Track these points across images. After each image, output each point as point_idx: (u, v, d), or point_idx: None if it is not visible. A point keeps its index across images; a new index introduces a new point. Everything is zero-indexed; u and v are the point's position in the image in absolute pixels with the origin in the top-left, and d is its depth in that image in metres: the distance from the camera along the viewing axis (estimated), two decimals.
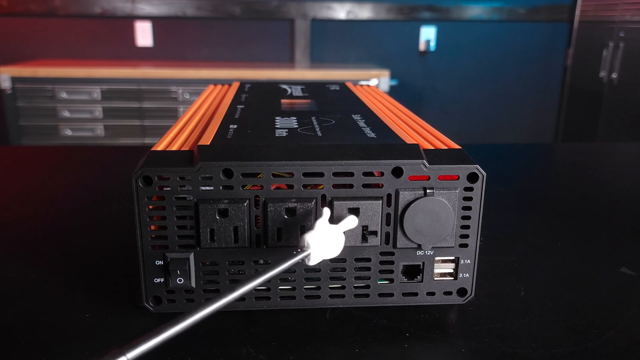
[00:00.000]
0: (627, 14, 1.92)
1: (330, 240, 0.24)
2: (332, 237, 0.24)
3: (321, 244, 0.23)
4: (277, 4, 2.18)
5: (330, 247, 0.24)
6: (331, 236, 0.24)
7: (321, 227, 0.24)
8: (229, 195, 0.25)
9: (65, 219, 0.41)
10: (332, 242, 0.24)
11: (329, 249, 0.24)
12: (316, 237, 0.23)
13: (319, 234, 0.23)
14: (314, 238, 0.23)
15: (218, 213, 0.25)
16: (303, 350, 0.25)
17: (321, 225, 0.24)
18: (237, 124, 0.31)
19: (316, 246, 0.23)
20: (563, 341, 0.26)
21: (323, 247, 0.23)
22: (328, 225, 0.24)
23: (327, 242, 0.24)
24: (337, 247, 0.24)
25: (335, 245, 0.24)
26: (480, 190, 0.26)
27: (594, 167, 0.60)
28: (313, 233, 0.23)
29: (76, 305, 0.28)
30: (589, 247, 0.37)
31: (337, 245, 0.24)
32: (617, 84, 1.97)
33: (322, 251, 0.23)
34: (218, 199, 0.25)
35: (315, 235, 0.23)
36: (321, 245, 0.23)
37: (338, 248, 0.24)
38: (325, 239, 0.24)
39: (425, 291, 0.28)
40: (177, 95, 1.88)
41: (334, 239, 0.24)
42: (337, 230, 0.24)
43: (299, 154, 0.26)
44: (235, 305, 0.27)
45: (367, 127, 0.31)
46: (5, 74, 1.81)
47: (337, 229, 0.24)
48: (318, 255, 0.23)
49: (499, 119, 2.43)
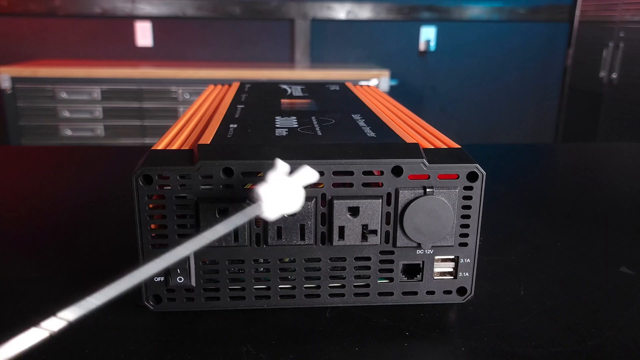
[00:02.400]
0: (627, 14, 1.92)
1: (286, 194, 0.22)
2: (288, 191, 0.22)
3: (276, 197, 0.22)
4: (277, 4, 2.18)
5: (287, 201, 0.22)
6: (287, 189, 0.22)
7: (274, 179, 0.22)
8: (229, 194, 0.25)
9: (66, 218, 0.41)
10: (289, 196, 0.22)
11: (286, 203, 0.22)
12: (270, 189, 0.22)
13: (272, 186, 0.22)
14: (267, 190, 0.22)
15: (218, 212, 0.25)
16: (303, 349, 0.25)
17: (274, 177, 0.22)
18: (237, 124, 0.31)
19: (270, 199, 0.22)
20: (563, 340, 0.26)
21: (279, 201, 0.22)
22: (282, 177, 0.23)
23: (282, 195, 0.22)
24: (296, 203, 0.23)
25: (294, 200, 0.23)
26: (480, 189, 0.27)
27: (594, 167, 0.60)
28: (266, 185, 0.22)
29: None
30: (589, 247, 0.37)
31: (295, 199, 0.23)
32: (617, 84, 1.97)
33: (278, 205, 0.22)
34: (218, 198, 0.25)
35: (268, 187, 0.22)
36: (276, 198, 0.22)
37: (297, 203, 0.23)
38: (281, 192, 0.22)
39: (425, 290, 0.28)
40: (177, 95, 1.88)
41: (291, 193, 0.23)
42: (293, 183, 0.23)
43: (299, 153, 0.26)
44: (235, 304, 0.27)
45: (367, 127, 0.31)
46: (5, 74, 1.81)
47: (292, 182, 0.23)
48: (273, 208, 0.22)
49: (499, 119, 2.43)
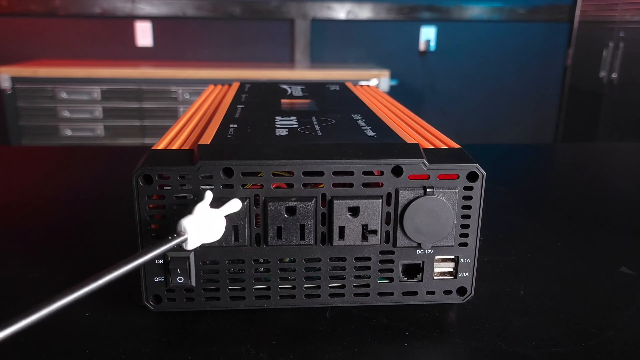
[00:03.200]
0: (627, 14, 1.92)
1: (209, 225, 0.23)
2: (212, 222, 0.23)
3: (200, 229, 0.23)
4: (277, 4, 2.18)
5: (209, 231, 0.23)
6: (211, 220, 0.23)
7: (200, 211, 0.23)
8: (229, 194, 0.25)
9: (66, 219, 0.41)
10: (212, 227, 0.23)
11: (208, 234, 0.23)
12: (194, 221, 0.23)
13: (197, 219, 0.23)
14: (191, 222, 0.23)
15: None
16: (303, 349, 0.25)
17: (200, 209, 0.23)
18: (237, 124, 0.31)
19: (194, 231, 0.23)
20: (563, 340, 0.26)
21: (201, 232, 0.23)
22: (208, 209, 0.24)
23: (206, 226, 0.23)
24: (218, 232, 0.24)
25: (216, 229, 0.24)
26: (480, 189, 0.27)
27: (594, 167, 0.60)
28: (191, 217, 0.23)
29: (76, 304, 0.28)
30: (589, 247, 0.37)
31: (217, 229, 0.24)
32: (617, 84, 1.97)
33: (200, 236, 0.23)
34: (218, 198, 0.25)
35: (192, 220, 0.23)
36: (199, 230, 0.23)
37: (219, 232, 0.24)
38: (204, 224, 0.23)
39: (425, 290, 0.28)
40: (177, 95, 1.88)
41: (214, 224, 0.24)
42: (218, 214, 0.24)
43: (299, 153, 0.26)
44: (235, 304, 0.27)
45: (367, 127, 0.31)
46: (5, 74, 1.81)
47: (217, 213, 0.24)
48: (196, 240, 0.23)
49: (499, 119, 2.43)
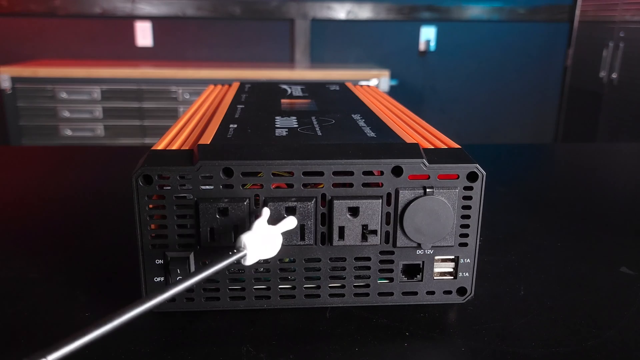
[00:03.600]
0: (627, 14, 1.92)
1: (267, 241, 0.24)
2: (270, 238, 0.24)
3: (258, 245, 0.23)
4: (277, 4, 2.18)
5: (267, 247, 0.24)
6: (268, 237, 0.24)
7: (259, 227, 0.24)
8: (229, 194, 0.25)
9: (65, 219, 0.41)
10: (270, 243, 0.24)
11: (266, 250, 0.24)
12: (253, 237, 0.23)
13: (256, 235, 0.23)
14: (250, 238, 0.23)
15: (218, 212, 0.25)
16: (303, 349, 0.25)
17: (259, 226, 0.24)
18: (237, 124, 0.31)
19: (252, 247, 0.23)
20: (563, 340, 0.26)
21: (260, 248, 0.23)
22: (266, 225, 0.24)
23: (264, 242, 0.24)
24: (274, 248, 0.24)
25: (273, 245, 0.24)
26: (480, 189, 0.26)
27: (594, 168, 0.60)
28: (250, 234, 0.23)
29: (76, 305, 0.28)
30: (589, 247, 0.37)
31: (274, 245, 0.24)
32: (617, 84, 1.97)
33: (258, 252, 0.23)
34: (218, 198, 0.25)
35: (252, 236, 0.23)
36: (258, 246, 0.23)
37: (275, 249, 0.24)
38: (263, 240, 0.23)
39: (425, 290, 0.28)
40: (177, 95, 1.88)
41: (272, 240, 0.24)
42: (275, 231, 0.24)
43: (299, 153, 0.26)
44: (235, 304, 0.27)
45: (367, 127, 0.31)
46: (5, 74, 1.81)
47: (274, 230, 0.24)
48: (254, 255, 0.23)
49: (499, 119, 2.43)
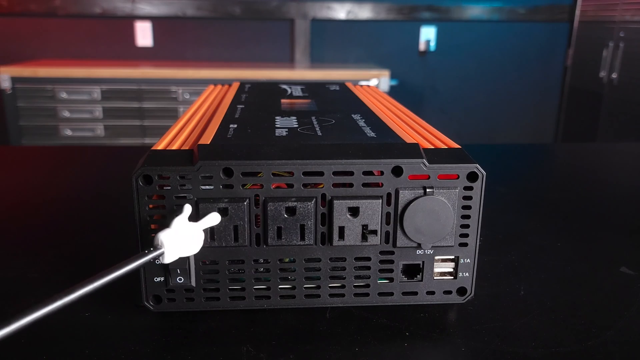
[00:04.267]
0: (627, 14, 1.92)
1: (187, 238, 0.24)
2: (190, 235, 0.24)
3: (177, 242, 0.23)
4: (277, 4, 2.18)
5: (187, 245, 0.24)
6: (188, 234, 0.24)
7: (178, 224, 0.24)
8: (229, 194, 0.25)
9: (65, 219, 0.41)
10: (190, 240, 0.24)
11: (185, 247, 0.24)
12: (171, 235, 0.23)
13: (174, 232, 0.23)
14: (168, 236, 0.23)
15: (218, 212, 0.25)
16: (303, 349, 0.25)
17: (178, 223, 0.24)
18: (237, 124, 0.31)
19: (170, 244, 0.23)
20: (562, 340, 0.26)
21: (179, 245, 0.23)
22: (186, 222, 0.24)
23: (183, 240, 0.23)
24: (196, 245, 0.24)
25: (194, 243, 0.24)
26: (480, 189, 0.26)
27: (594, 167, 0.60)
28: (168, 231, 0.23)
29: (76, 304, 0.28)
30: (589, 247, 0.37)
31: (195, 243, 0.24)
32: (617, 84, 1.97)
33: (177, 249, 0.23)
34: (218, 198, 0.25)
35: (170, 233, 0.23)
36: (177, 243, 0.23)
37: (197, 246, 0.24)
38: (182, 237, 0.23)
39: (425, 290, 0.28)
40: (177, 95, 1.88)
41: (192, 237, 0.24)
42: (196, 228, 0.24)
43: (299, 153, 0.26)
44: (235, 304, 0.27)
45: (367, 127, 0.31)
46: (5, 74, 1.81)
47: (195, 227, 0.24)
48: (173, 253, 0.23)
49: (499, 119, 2.43)
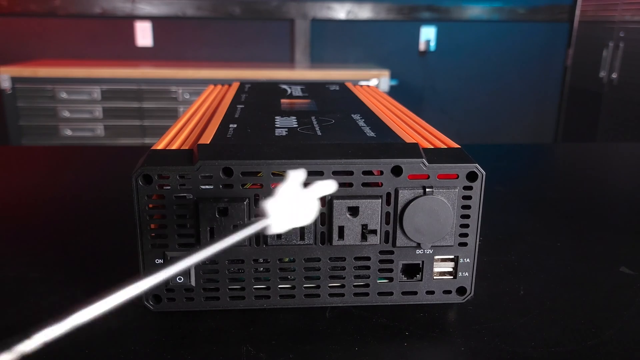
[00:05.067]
0: (627, 14, 1.92)
1: (297, 206, 0.20)
2: (300, 202, 0.20)
3: (285, 210, 0.20)
4: (277, 4, 2.18)
5: (297, 213, 0.20)
6: (299, 201, 0.20)
7: (285, 191, 0.20)
8: (229, 194, 0.25)
9: (66, 218, 0.41)
10: (300, 208, 0.20)
11: (295, 216, 0.20)
12: (278, 203, 0.20)
13: (281, 199, 0.20)
14: (275, 204, 0.20)
15: (218, 212, 0.25)
16: (303, 349, 0.25)
17: (285, 190, 0.20)
18: (237, 124, 0.31)
19: (277, 212, 0.20)
20: (562, 340, 0.26)
21: (287, 213, 0.20)
22: (296, 188, 0.20)
23: (292, 207, 0.20)
24: (308, 214, 0.21)
25: (305, 211, 0.21)
26: (480, 189, 0.27)
27: (594, 167, 0.60)
28: (274, 199, 0.20)
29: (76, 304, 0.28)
30: (589, 247, 0.37)
31: (307, 211, 0.21)
32: (617, 84, 1.97)
33: (286, 218, 0.20)
34: (218, 198, 0.25)
35: (277, 201, 0.20)
36: (284, 211, 0.20)
37: (309, 215, 0.21)
38: (290, 204, 0.20)
39: (425, 290, 0.28)
40: (177, 95, 1.88)
41: (303, 205, 0.20)
42: (308, 195, 0.21)
43: (299, 152, 0.26)
44: (235, 304, 0.27)
45: (366, 127, 0.31)
46: (5, 74, 1.81)
47: (307, 193, 0.21)
48: (281, 223, 0.20)
49: (499, 119, 2.43)
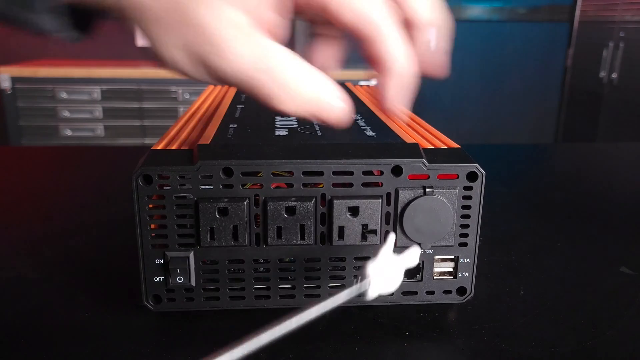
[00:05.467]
0: (627, 14, 1.92)
1: (390, 273, 0.21)
2: (393, 269, 0.21)
3: (382, 275, 0.20)
4: None
5: (389, 279, 0.21)
6: (392, 268, 0.21)
7: (385, 256, 0.21)
8: (229, 194, 0.25)
9: (65, 219, 0.41)
10: (392, 275, 0.21)
11: (388, 282, 0.21)
12: (379, 267, 0.20)
13: (382, 264, 0.20)
14: (376, 268, 0.20)
15: (218, 212, 0.25)
16: (303, 349, 0.25)
17: (385, 254, 0.21)
18: (237, 124, 0.31)
19: (377, 277, 0.20)
20: (562, 340, 0.26)
21: (383, 279, 0.20)
22: (391, 255, 0.21)
23: (388, 273, 0.21)
24: (396, 281, 0.21)
25: (394, 278, 0.21)
26: (480, 189, 0.26)
27: (594, 167, 0.60)
28: (375, 263, 0.21)
29: (76, 304, 0.28)
30: (589, 247, 0.37)
31: (395, 278, 0.21)
32: (617, 84, 1.97)
33: (381, 284, 0.20)
34: (218, 198, 0.25)
35: (378, 266, 0.20)
36: (382, 277, 0.20)
37: (396, 282, 0.21)
38: (387, 270, 0.21)
39: (425, 290, 0.28)
40: (177, 95, 1.88)
41: (394, 272, 0.21)
42: (398, 262, 0.21)
43: (299, 152, 0.26)
44: (235, 304, 0.27)
45: (366, 127, 0.31)
46: (5, 74, 1.81)
47: (397, 260, 0.21)
48: (377, 288, 0.20)
49: (499, 119, 2.42)
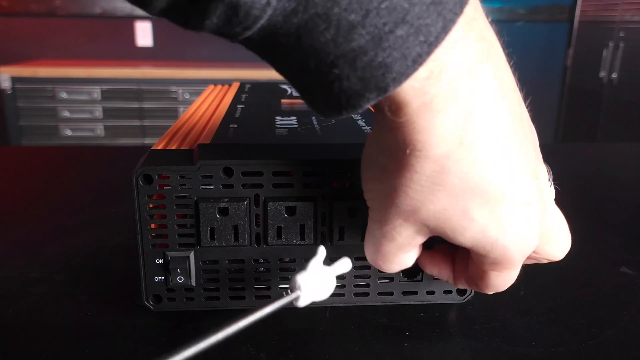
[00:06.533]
0: (627, 14, 1.92)
1: (321, 283, 0.22)
2: (324, 280, 0.22)
3: (312, 286, 0.22)
4: None
5: (321, 289, 0.22)
6: (323, 278, 0.22)
7: (314, 268, 0.22)
8: (229, 193, 0.25)
9: (66, 218, 0.41)
10: (323, 285, 0.22)
11: (319, 292, 0.22)
12: (308, 278, 0.21)
13: (310, 275, 0.22)
14: (305, 279, 0.21)
15: (218, 211, 0.25)
16: (303, 349, 0.25)
17: (314, 266, 0.22)
18: (237, 123, 0.31)
19: (307, 288, 0.21)
20: (562, 340, 0.26)
21: (314, 289, 0.22)
22: (321, 266, 0.22)
23: (318, 284, 0.22)
24: (328, 290, 0.22)
25: (326, 288, 0.22)
26: None
27: (594, 167, 0.60)
28: (305, 274, 0.22)
29: (76, 304, 0.28)
30: (589, 247, 0.37)
31: (327, 288, 0.22)
32: (617, 84, 1.98)
33: (312, 293, 0.22)
34: (218, 198, 0.25)
35: (307, 277, 0.22)
36: (312, 287, 0.21)
37: (328, 291, 0.22)
38: (317, 281, 0.22)
39: (425, 290, 0.28)
40: (177, 95, 1.88)
41: (326, 282, 0.22)
42: (330, 273, 0.23)
43: (299, 153, 0.26)
44: (235, 304, 0.27)
45: (367, 127, 0.31)
46: (5, 74, 1.81)
47: (329, 272, 0.23)
48: (308, 297, 0.21)
49: None
